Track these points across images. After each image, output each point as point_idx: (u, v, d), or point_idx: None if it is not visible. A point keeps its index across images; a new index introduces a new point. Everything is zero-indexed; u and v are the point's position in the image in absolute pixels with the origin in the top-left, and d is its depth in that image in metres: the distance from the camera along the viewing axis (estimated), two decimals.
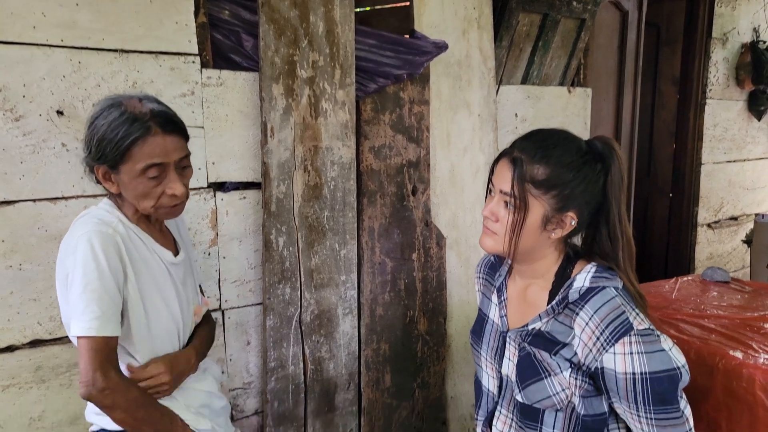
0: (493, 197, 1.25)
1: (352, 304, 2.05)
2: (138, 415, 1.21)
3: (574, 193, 1.18)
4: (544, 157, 1.18)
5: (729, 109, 3.57)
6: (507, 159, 1.22)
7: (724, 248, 3.77)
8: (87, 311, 1.14)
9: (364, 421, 2.12)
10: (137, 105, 1.18)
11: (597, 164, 1.20)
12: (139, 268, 1.24)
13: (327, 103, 1.89)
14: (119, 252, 1.19)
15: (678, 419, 1.14)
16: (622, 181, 1.21)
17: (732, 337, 1.52)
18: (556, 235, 1.23)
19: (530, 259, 1.28)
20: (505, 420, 1.35)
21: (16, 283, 1.54)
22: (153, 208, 1.23)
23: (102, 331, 1.14)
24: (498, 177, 1.23)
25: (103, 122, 1.17)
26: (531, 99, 2.50)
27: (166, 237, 1.37)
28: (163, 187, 1.21)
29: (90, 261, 1.15)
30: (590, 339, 1.15)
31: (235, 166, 1.83)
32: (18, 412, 1.58)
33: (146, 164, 1.17)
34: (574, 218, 1.20)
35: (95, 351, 1.14)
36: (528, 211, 1.19)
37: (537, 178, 1.18)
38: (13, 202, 1.51)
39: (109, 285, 1.16)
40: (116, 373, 1.17)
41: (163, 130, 1.18)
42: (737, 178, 3.73)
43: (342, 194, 1.97)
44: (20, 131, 1.49)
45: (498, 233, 1.23)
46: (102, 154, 1.18)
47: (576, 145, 1.21)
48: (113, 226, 1.21)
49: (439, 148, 2.22)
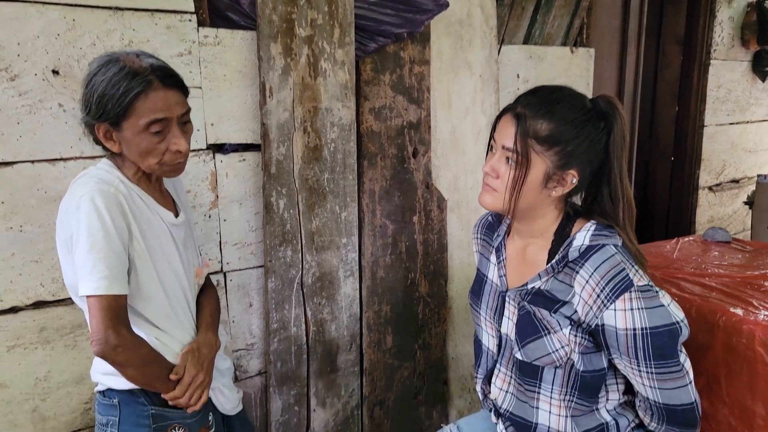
0: (494, 153, 1.24)
1: (353, 267, 2.06)
2: (148, 372, 1.23)
3: (576, 150, 1.17)
4: (548, 112, 1.17)
5: (733, 70, 3.53)
6: (510, 114, 1.21)
7: (725, 211, 3.76)
8: (95, 271, 1.13)
9: (366, 381, 2.15)
10: (135, 60, 1.17)
11: (600, 122, 1.19)
12: (143, 227, 1.24)
13: (326, 62, 1.86)
14: (123, 210, 1.19)
15: (678, 372, 1.16)
16: (624, 140, 1.21)
17: (733, 294, 1.52)
18: (557, 194, 1.22)
19: (530, 217, 1.27)
20: (504, 378, 1.37)
21: (17, 245, 1.54)
22: (157, 165, 1.22)
23: (111, 289, 1.14)
24: (500, 133, 1.22)
25: (102, 78, 1.15)
26: (533, 59, 2.47)
27: (166, 198, 1.36)
28: (166, 143, 1.20)
29: (95, 220, 1.14)
30: (590, 296, 1.15)
31: (234, 128, 1.81)
32: (24, 372, 1.59)
33: (150, 119, 1.16)
34: (575, 176, 1.20)
35: (106, 309, 1.14)
36: (529, 168, 1.18)
37: (540, 134, 1.17)
38: (11, 163, 1.50)
39: (115, 244, 1.15)
40: (128, 331, 1.18)
41: (164, 84, 1.17)
42: (740, 140, 3.70)
43: (342, 156, 1.96)
44: (16, 91, 1.47)
45: (498, 190, 1.23)
46: (103, 111, 1.16)
47: (580, 102, 1.20)
48: (114, 185, 1.20)
49: (440, 109, 2.20)
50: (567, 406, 1.26)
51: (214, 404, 1.38)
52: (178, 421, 1.28)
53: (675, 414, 1.20)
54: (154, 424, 1.26)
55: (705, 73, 3.40)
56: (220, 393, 1.40)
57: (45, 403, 1.64)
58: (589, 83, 2.68)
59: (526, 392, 1.30)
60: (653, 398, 1.19)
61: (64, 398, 1.66)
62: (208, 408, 1.34)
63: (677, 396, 1.17)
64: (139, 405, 1.26)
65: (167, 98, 1.18)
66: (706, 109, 3.45)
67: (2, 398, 1.58)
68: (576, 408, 1.26)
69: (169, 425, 1.27)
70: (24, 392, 1.60)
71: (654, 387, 1.17)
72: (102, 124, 1.19)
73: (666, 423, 1.23)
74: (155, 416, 1.26)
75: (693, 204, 3.59)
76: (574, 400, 1.25)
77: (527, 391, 1.30)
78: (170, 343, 1.30)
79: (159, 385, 1.25)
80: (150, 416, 1.26)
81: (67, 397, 1.66)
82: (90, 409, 1.70)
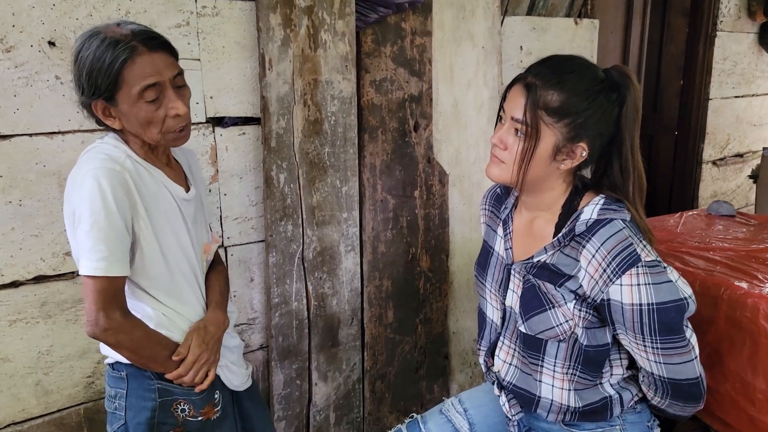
0: (503, 124, 1.22)
1: (354, 241, 2.05)
2: (143, 354, 1.22)
3: (587, 122, 1.15)
4: (559, 83, 1.14)
5: (739, 42, 3.47)
6: (521, 84, 1.18)
7: (728, 186, 3.74)
8: (94, 250, 1.12)
9: (367, 356, 2.15)
10: (116, 29, 1.14)
11: (612, 94, 1.16)
12: (149, 204, 1.22)
13: (326, 34, 1.83)
14: (127, 189, 1.17)
15: (684, 347, 1.15)
16: (637, 112, 1.18)
17: (737, 268, 1.52)
18: (566, 166, 1.20)
19: (537, 190, 1.25)
20: (507, 350, 1.37)
21: (17, 219, 1.53)
22: (160, 134, 1.20)
23: (108, 271, 1.13)
24: (510, 103, 1.19)
25: (87, 53, 1.13)
26: (536, 31, 2.43)
27: (177, 172, 1.34)
28: (164, 109, 1.18)
29: (97, 199, 1.12)
30: (597, 271, 1.14)
31: (234, 101, 1.79)
32: (26, 346, 1.60)
33: (141, 86, 1.14)
34: (585, 149, 1.17)
35: (99, 291, 1.14)
36: (539, 140, 1.16)
37: (550, 105, 1.14)
38: (8, 136, 1.48)
39: (117, 224, 1.14)
40: (121, 314, 1.17)
41: (149, 48, 1.14)
42: (745, 113, 3.66)
43: (343, 130, 1.94)
44: (12, 63, 1.45)
45: (506, 162, 1.21)
46: (95, 87, 1.14)
47: (593, 73, 1.17)
48: (120, 161, 1.18)
49: (442, 82, 2.17)
50: (570, 379, 1.26)
51: (222, 381, 1.38)
52: (183, 397, 1.28)
53: (680, 388, 1.19)
54: (160, 398, 1.26)
55: (711, 46, 3.35)
56: (228, 370, 1.40)
57: (48, 376, 1.64)
58: (593, 56, 2.64)
59: (529, 365, 1.30)
60: (658, 373, 1.18)
61: (67, 372, 1.67)
62: (215, 386, 1.34)
63: (683, 371, 1.17)
64: (146, 379, 1.27)
65: (154, 62, 1.15)
66: (712, 82, 3.41)
67: (5, 372, 1.58)
68: (579, 382, 1.26)
69: (174, 400, 1.27)
70: (27, 366, 1.61)
71: (659, 362, 1.16)
72: (98, 101, 1.17)
73: (670, 397, 1.22)
74: (161, 391, 1.27)
75: (696, 178, 3.57)
76: (578, 374, 1.25)
77: (531, 364, 1.30)
78: (177, 319, 1.29)
79: (156, 366, 1.25)
80: (156, 390, 1.26)
81: (69, 371, 1.67)
82: (93, 383, 1.71)
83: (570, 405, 1.27)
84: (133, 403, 1.27)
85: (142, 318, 1.23)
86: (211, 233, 1.47)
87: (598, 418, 1.29)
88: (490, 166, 1.25)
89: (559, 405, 1.28)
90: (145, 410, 1.26)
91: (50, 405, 1.66)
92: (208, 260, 1.44)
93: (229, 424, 1.40)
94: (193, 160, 1.45)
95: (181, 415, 1.28)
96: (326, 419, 2.11)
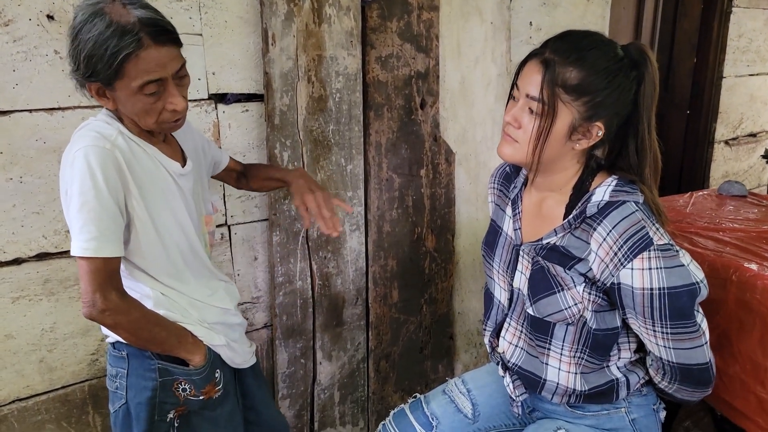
0: (516, 102, 1.17)
1: (359, 221, 2.03)
2: (142, 335, 1.21)
3: (606, 101, 1.11)
4: (579, 59, 1.09)
5: (755, 18, 3.39)
6: (537, 60, 1.13)
7: (740, 166, 3.68)
8: (84, 231, 1.10)
9: (371, 335, 2.15)
10: (122, 12, 1.07)
11: (631, 72, 1.12)
12: (143, 182, 1.19)
13: (331, 8, 1.79)
14: (119, 168, 1.13)
15: (695, 332, 1.13)
16: (654, 91, 1.13)
17: (747, 249, 1.49)
18: (581, 146, 1.16)
19: (550, 170, 1.22)
20: (514, 332, 1.35)
21: (18, 196, 1.52)
22: (155, 123, 1.17)
23: (99, 251, 1.10)
24: (525, 80, 1.15)
25: (88, 36, 1.07)
26: (547, 6, 2.37)
27: (172, 146, 1.31)
28: (162, 102, 1.14)
29: (87, 179, 1.09)
30: (607, 255, 1.11)
31: (237, 77, 1.76)
32: (29, 323, 1.59)
33: (143, 81, 1.09)
34: (601, 129, 1.14)
35: (94, 272, 1.11)
36: (555, 118, 1.12)
37: (569, 83, 1.10)
38: (8, 112, 1.46)
39: (108, 204, 1.11)
40: (117, 295, 1.15)
41: (155, 41, 1.08)
42: (759, 92, 3.59)
43: (348, 107, 1.91)
44: (10, 37, 1.42)
45: (520, 141, 1.17)
46: (93, 71, 1.09)
47: (612, 50, 1.13)
48: (112, 139, 1.14)
49: (449, 58, 2.13)
50: (577, 363, 1.24)
51: (223, 359, 1.37)
52: (183, 376, 1.27)
53: (690, 373, 1.17)
54: (161, 378, 1.26)
55: (726, 22, 3.27)
56: (230, 349, 1.38)
57: (51, 354, 1.64)
58: (605, 32, 2.58)
59: (536, 348, 1.28)
60: (667, 358, 1.16)
61: (71, 349, 1.67)
62: (216, 365, 1.33)
63: (692, 356, 1.14)
64: (146, 358, 1.26)
65: (160, 57, 1.10)
66: (726, 59, 3.33)
67: (9, 349, 1.58)
68: (586, 365, 1.24)
69: (175, 380, 1.27)
70: (30, 343, 1.61)
71: (669, 347, 1.14)
72: (93, 83, 1.12)
73: (679, 382, 1.20)
74: (161, 370, 1.26)
75: (708, 158, 3.51)
76: (585, 357, 1.23)
77: (538, 346, 1.28)
78: (177, 298, 1.28)
79: (155, 347, 1.24)
80: (156, 370, 1.25)
81: (73, 348, 1.67)
82: (97, 360, 1.71)
83: (576, 388, 1.26)
84: (134, 383, 1.26)
85: (140, 298, 1.22)
86: (212, 206, 1.45)
87: (603, 401, 1.28)
88: (502, 144, 1.20)
89: (565, 388, 1.26)
90: (146, 390, 1.25)
91: (54, 382, 1.67)
92: (210, 232, 1.42)
93: (231, 403, 1.39)
94: (188, 128, 1.40)
95: (182, 395, 1.27)
96: (330, 398, 2.11)
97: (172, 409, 1.28)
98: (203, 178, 1.41)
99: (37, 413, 1.66)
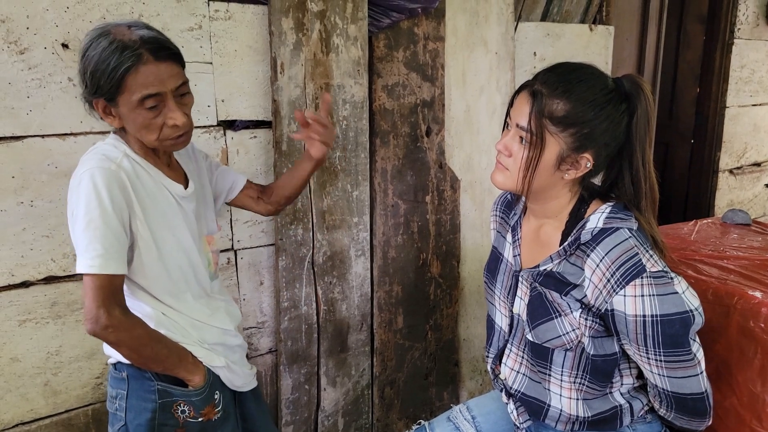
0: (509, 131, 1.21)
1: (364, 246, 2.04)
2: (144, 353, 1.21)
3: (593, 133, 1.13)
4: (565, 91, 1.12)
5: (757, 50, 3.43)
6: (527, 91, 1.16)
7: (745, 195, 3.69)
8: (90, 248, 1.12)
9: (376, 361, 2.14)
10: (126, 32, 1.13)
11: (622, 104, 1.14)
12: (146, 204, 1.22)
13: (338, 38, 1.83)
14: (123, 188, 1.17)
15: (689, 361, 1.12)
16: (648, 123, 1.15)
17: (751, 277, 1.48)
18: (570, 176, 1.18)
19: (543, 198, 1.24)
20: (515, 358, 1.35)
21: (28, 220, 1.54)
22: (157, 140, 1.20)
23: (104, 268, 1.13)
24: (516, 110, 1.18)
25: (93, 53, 1.13)
26: (550, 37, 2.41)
27: (175, 170, 1.34)
28: (162, 117, 1.17)
29: (93, 198, 1.12)
30: (600, 281, 1.12)
31: (245, 104, 1.79)
32: (35, 347, 1.60)
33: (142, 95, 1.13)
34: (590, 160, 1.15)
35: (98, 288, 1.13)
36: (543, 149, 1.14)
37: (555, 114, 1.12)
38: (21, 137, 1.49)
39: (113, 223, 1.14)
40: (121, 311, 1.16)
41: (155, 57, 1.13)
42: (763, 122, 3.61)
43: (354, 134, 1.93)
44: (25, 65, 1.46)
45: (510, 169, 1.19)
46: (97, 87, 1.14)
47: (601, 82, 1.14)
48: (117, 161, 1.18)
49: (455, 87, 2.16)
50: (578, 389, 1.24)
51: (223, 381, 1.38)
52: (183, 398, 1.27)
53: (684, 402, 1.17)
54: (160, 399, 1.26)
55: (728, 53, 3.31)
56: (229, 370, 1.38)
57: (56, 377, 1.65)
58: (608, 62, 2.62)
59: (538, 373, 1.28)
60: (662, 386, 1.16)
61: (76, 373, 1.67)
62: (215, 387, 1.33)
63: (687, 385, 1.14)
64: (146, 380, 1.26)
65: (159, 72, 1.14)
66: (729, 89, 3.37)
67: (14, 372, 1.59)
68: (587, 391, 1.24)
69: (174, 401, 1.27)
70: (36, 366, 1.61)
71: (663, 375, 1.14)
72: (99, 100, 1.17)
73: (675, 410, 1.20)
74: (161, 392, 1.26)
75: (712, 187, 3.52)
76: (585, 383, 1.23)
77: (539, 372, 1.28)
78: (178, 318, 1.29)
79: (156, 366, 1.24)
80: (156, 392, 1.26)
81: (78, 372, 1.68)
82: (101, 384, 1.71)
83: (579, 415, 1.25)
84: (134, 404, 1.26)
85: (141, 317, 1.23)
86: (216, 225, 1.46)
87: (607, 428, 1.27)
88: (494, 172, 1.24)
89: (568, 415, 1.26)
90: (145, 411, 1.25)
91: (58, 405, 1.67)
92: (214, 251, 1.43)
93: (231, 425, 1.38)
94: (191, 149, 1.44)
95: (181, 416, 1.27)
96: (335, 425, 2.10)
97: (171, 430, 1.28)
98: (207, 199, 1.43)
99: None
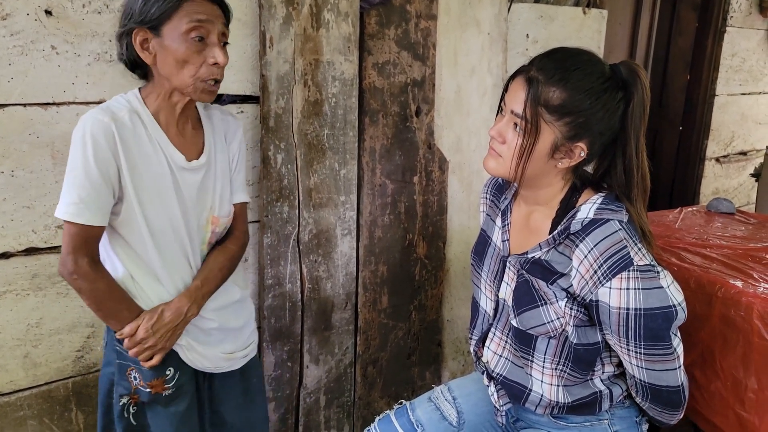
0: (503, 117, 1.19)
1: (351, 225, 2.04)
2: (103, 306, 1.24)
3: (589, 122, 1.11)
4: (562, 79, 1.10)
5: (749, 39, 3.43)
6: (523, 77, 1.14)
7: (730, 183, 3.72)
8: (66, 195, 1.16)
9: (360, 340, 2.15)
10: None
11: (618, 92, 1.12)
12: (136, 162, 1.22)
13: (329, 13, 1.80)
14: (111, 142, 1.18)
15: (668, 355, 1.13)
16: (644, 111, 1.13)
17: (733, 266, 1.50)
18: (563, 165, 1.17)
19: (534, 186, 1.23)
20: (499, 342, 1.36)
21: (8, 190, 1.51)
22: (192, 78, 1.20)
23: (77, 217, 1.15)
24: (511, 96, 1.16)
25: None
26: (544, 19, 2.39)
27: (189, 140, 1.32)
28: (204, 55, 1.19)
29: (79, 146, 1.16)
30: (587, 272, 1.12)
31: (233, 78, 1.76)
32: (15, 318, 1.59)
33: (194, 20, 1.16)
34: (584, 149, 1.15)
35: (71, 235, 1.17)
36: (538, 137, 1.13)
37: (551, 103, 1.10)
38: (2, 105, 1.46)
39: (93, 173, 1.15)
40: (89, 261, 1.19)
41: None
42: (750, 111, 3.63)
43: (343, 112, 1.91)
44: (7, 30, 1.42)
45: (503, 156, 1.18)
46: (146, 14, 1.16)
47: (599, 70, 1.13)
48: (114, 113, 1.19)
49: (446, 67, 2.14)
50: (560, 376, 1.25)
51: (182, 359, 1.35)
52: (135, 365, 1.29)
53: (660, 394, 1.19)
54: (118, 359, 1.30)
55: (720, 41, 3.31)
56: (190, 349, 1.35)
57: (37, 349, 1.64)
58: (600, 46, 2.61)
59: (521, 359, 1.29)
60: (639, 377, 1.18)
61: (56, 345, 1.66)
62: (168, 362, 1.32)
63: (663, 378, 1.16)
64: (114, 338, 1.29)
65: (213, 9, 1.20)
66: (719, 78, 3.38)
67: None
68: (568, 378, 1.25)
69: (128, 366, 1.30)
70: (16, 338, 1.60)
71: (641, 367, 1.15)
72: (141, 30, 1.18)
73: (650, 401, 1.22)
74: (119, 353, 1.30)
75: (699, 175, 3.54)
76: (567, 371, 1.24)
77: (522, 357, 1.29)
78: (147, 289, 1.29)
79: (114, 324, 1.26)
80: (116, 352, 1.30)
81: (59, 344, 1.66)
82: (82, 357, 1.70)
83: (559, 400, 1.26)
84: (107, 354, 1.33)
85: (111, 270, 1.24)
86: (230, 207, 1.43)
87: (586, 412, 1.29)
88: (487, 158, 1.22)
89: (548, 400, 1.27)
90: (110, 365, 1.31)
91: (38, 377, 1.66)
92: (216, 232, 1.40)
93: (186, 404, 1.36)
94: (233, 130, 1.44)
95: (133, 382, 1.30)
96: (316, 402, 2.11)
97: (125, 393, 1.30)
98: (221, 178, 1.39)
99: (19, 409, 1.65)
